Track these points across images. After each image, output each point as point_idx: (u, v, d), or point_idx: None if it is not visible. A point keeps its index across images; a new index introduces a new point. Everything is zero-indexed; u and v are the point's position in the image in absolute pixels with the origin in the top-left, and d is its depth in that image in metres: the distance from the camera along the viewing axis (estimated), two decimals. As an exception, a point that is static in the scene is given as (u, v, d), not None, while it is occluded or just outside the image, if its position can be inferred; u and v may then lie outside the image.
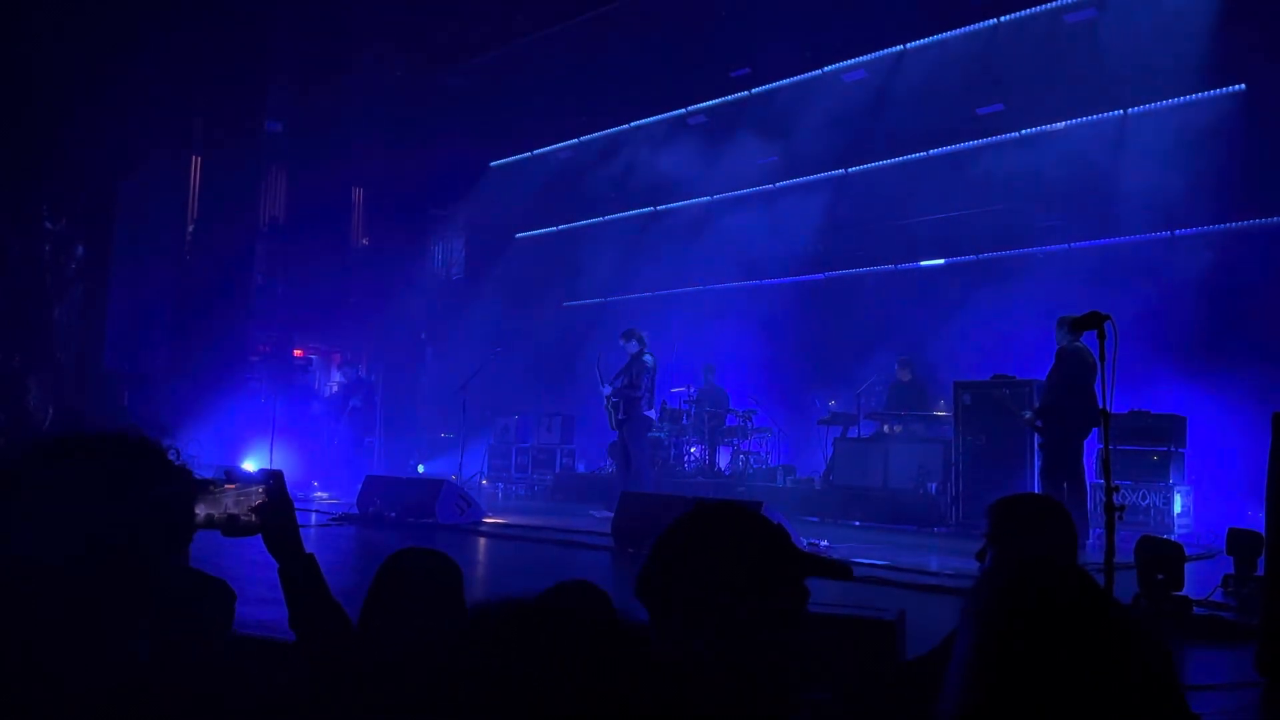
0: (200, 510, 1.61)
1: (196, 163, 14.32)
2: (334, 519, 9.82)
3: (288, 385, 14.27)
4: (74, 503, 1.23)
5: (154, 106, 13.14)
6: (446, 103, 16.03)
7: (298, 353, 14.67)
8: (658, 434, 14.01)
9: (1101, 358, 4.08)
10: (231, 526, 1.70)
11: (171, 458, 1.34)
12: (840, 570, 1.54)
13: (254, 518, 1.72)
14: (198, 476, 1.51)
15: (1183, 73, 10.05)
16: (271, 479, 1.75)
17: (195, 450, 1.55)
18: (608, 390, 10.69)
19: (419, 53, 15.97)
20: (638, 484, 10.50)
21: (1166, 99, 10.50)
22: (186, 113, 14.07)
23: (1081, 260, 10.72)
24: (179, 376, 12.76)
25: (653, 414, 10.78)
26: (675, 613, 1.42)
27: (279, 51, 14.61)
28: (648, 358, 10.74)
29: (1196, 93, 10.29)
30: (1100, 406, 4.10)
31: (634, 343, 10.85)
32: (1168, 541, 5.74)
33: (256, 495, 1.73)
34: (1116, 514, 3.88)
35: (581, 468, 15.24)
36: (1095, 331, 4.33)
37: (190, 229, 14.04)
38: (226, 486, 1.71)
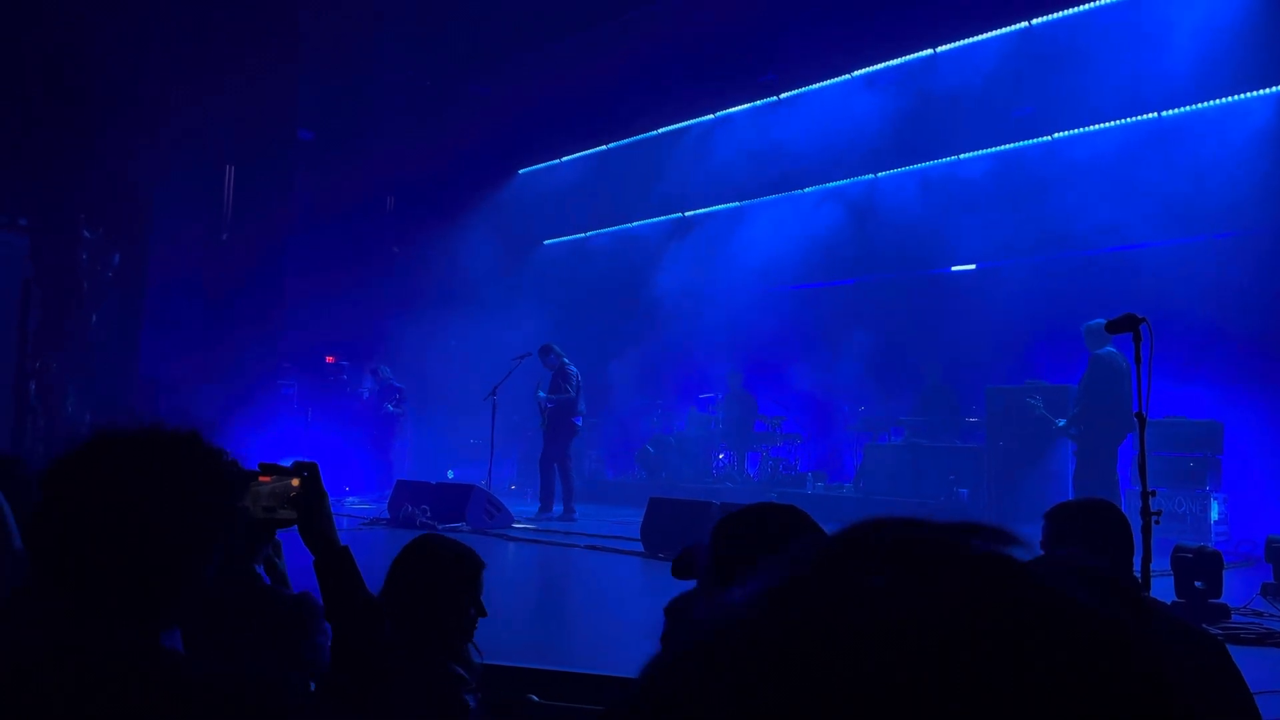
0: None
1: (230, 171, 14.49)
2: (365, 523, 9.92)
3: (320, 391, 14.39)
4: (134, 495, 1.26)
5: (188, 117, 13.32)
6: (474, 111, 16.12)
7: (329, 359, 14.79)
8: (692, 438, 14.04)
9: (1137, 360, 4.03)
10: (268, 520, 1.72)
11: (226, 460, 1.37)
12: None
13: (290, 510, 1.74)
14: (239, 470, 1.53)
15: (1221, 75, 9.90)
16: (306, 470, 1.77)
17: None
18: (551, 406, 11.11)
19: (447, 62, 16.08)
20: (564, 494, 10.78)
21: (1204, 101, 10.35)
22: (220, 123, 14.24)
23: (1115, 264, 10.60)
24: (212, 383, 12.90)
25: (579, 420, 11.30)
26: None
27: (310, 61, 14.76)
28: (572, 367, 11.29)
29: (1235, 95, 10.14)
30: (1136, 410, 4.04)
31: (553, 356, 11.31)
32: (1205, 548, 5.66)
33: (292, 488, 1.75)
34: (1153, 519, 3.83)
35: (610, 474, 15.26)
36: (1130, 335, 4.28)
37: (224, 236, 14.20)
38: (262, 479, 1.73)
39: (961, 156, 12.31)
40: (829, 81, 13.17)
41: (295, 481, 1.75)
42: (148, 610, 1.26)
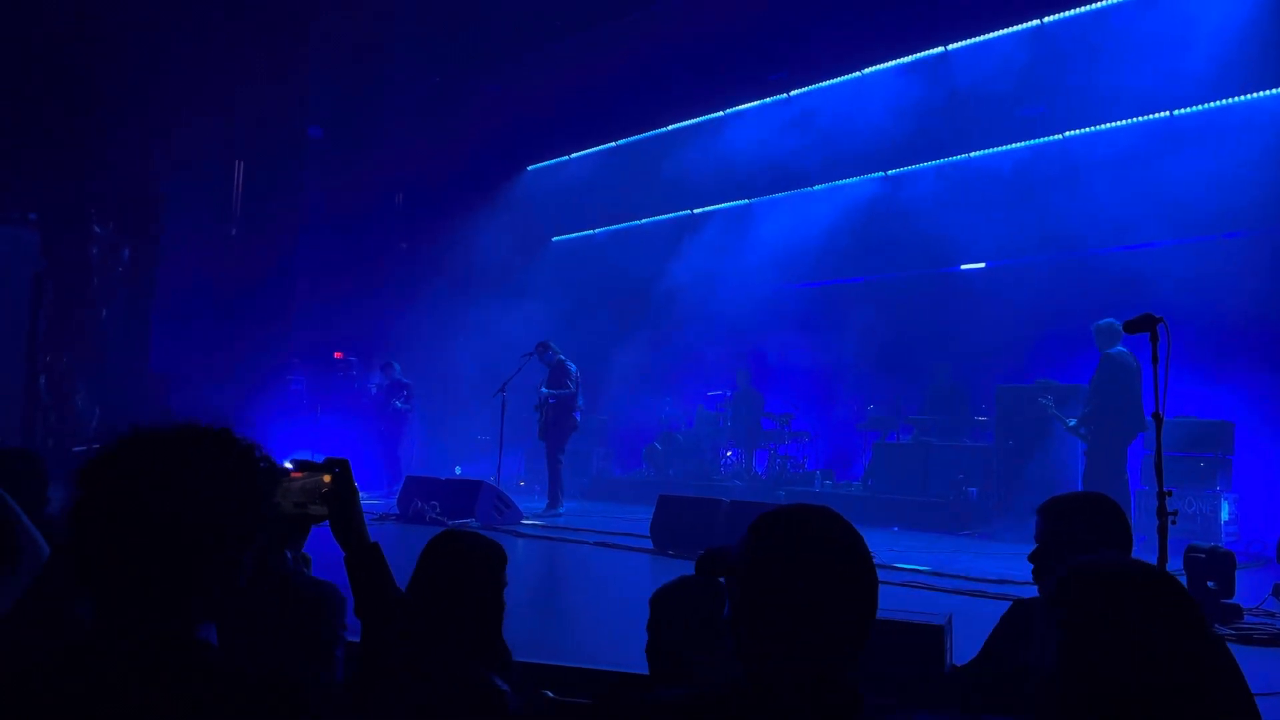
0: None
1: (239, 167, 14.53)
2: (375, 518, 9.95)
3: (329, 387, 14.41)
4: (170, 492, 1.27)
5: (198, 114, 13.35)
6: (484, 107, 16.13)
7: (338, 355, 14.82)
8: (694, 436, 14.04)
9: (1154, 361, 4.02)
10: (301, 515, 1.73)
11: (257, 454, 1.38)
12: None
13: (322, 506, 1.75)
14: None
15: (1233, 73, 9.87)
16: (338, 467, 1.78)
17: None
18: (553, 401, 11.13)
19: (457, 58, 16.09)
20: (552, 495, 10.78)
21: (1215, 100, 10.31)
22: (230, 119, 14.27)
23: (1125, 264, 10.56)
24: (221, 378, 12.93)
25: (579, 415, 11.37)
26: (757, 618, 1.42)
27: (320, 59, 14.78)
28: (571, 364, 11.31)
29: (1247, 94, 10.10)
30: (1153, 410, 4.03)
31: (550, 353, 11.35)
32: (1218, 549, 5.65)
33: (323, 484, 1.76)
34: (1170, 519, 3.82)
35: (618, 471, 15.26)
36: (1145, 334, 4.26)
37: (233, 232, 14.24)
38: (294, 475, 1.74)
39: (972, 155, 12.29)
40: (839, 79, 13.14)
41: (326, 478, 1.76)
42: (185, 605, 1.27)
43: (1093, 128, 11.15)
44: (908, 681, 3.20)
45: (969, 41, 11.86)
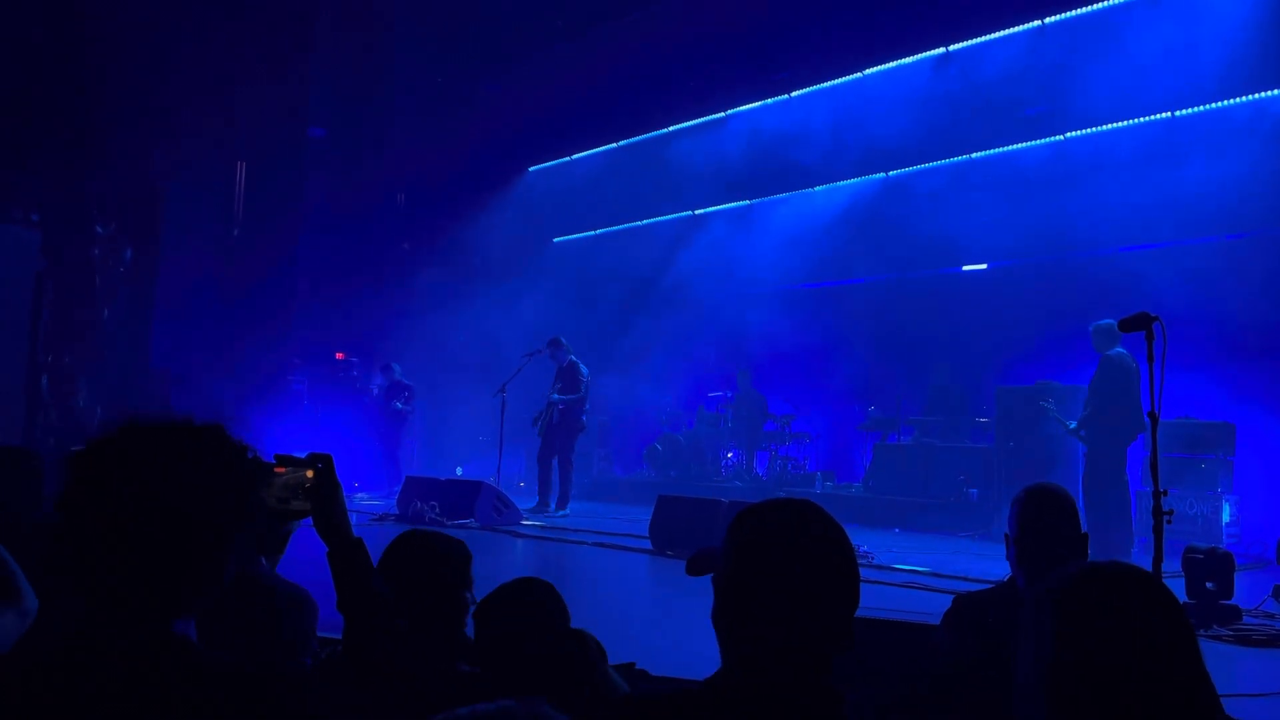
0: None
1: (241, 168, 14.53)
2: (374, 518, 9.96)
3: (330, 387, 14.43)
4: (159, 485, 1.27)
5: (200, 114, 13.36)
6: (486, 108, 16.14)
7: (339, 355, 14.83)
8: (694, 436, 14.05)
9: (1150, 359, 4.01)
10: (283, 510, 1.73)
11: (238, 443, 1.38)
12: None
13: (305, 501, 1.75)
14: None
15: (1235, 74, 9.85)
16: (320, 462, 1.78)
17: None
18: (562, 406, 11.19)
19: (459, 59, 16.10)
20: (563, 489, 10.79)
21: (1218, 101, 10.28)
22: (231, 120, 14.27)
23: (1127, 265, 10.54)
24: (223, 377, 12.95)
25: (585, 418, 11.48)
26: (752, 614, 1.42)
27: (322, 59, 14.79)
28: (583, 366, 11.38)
29: (1249, 94, 10.08)
30: (1150, 410, 4.02)
31: (562, 352, 11.39)
32: (1217, 550, 5.64)
33: (306, 479, 1.76)
34: (1165, 518, 3.81)
35: (618, 472, 15.26)
36: (1141, 334, 4.25)
37: (235, 232, 14.24)
38: (277, 470, 1.74)
39: (973, 155, 12.27)
40: (841, 80, 13.12)
41: (309, 473, 1.76)
42: (171, 602, 1.27)
43: (1094, 128, 11.13)
44: (903, 680, 3.20)
45: (971, 42, 11.85)
